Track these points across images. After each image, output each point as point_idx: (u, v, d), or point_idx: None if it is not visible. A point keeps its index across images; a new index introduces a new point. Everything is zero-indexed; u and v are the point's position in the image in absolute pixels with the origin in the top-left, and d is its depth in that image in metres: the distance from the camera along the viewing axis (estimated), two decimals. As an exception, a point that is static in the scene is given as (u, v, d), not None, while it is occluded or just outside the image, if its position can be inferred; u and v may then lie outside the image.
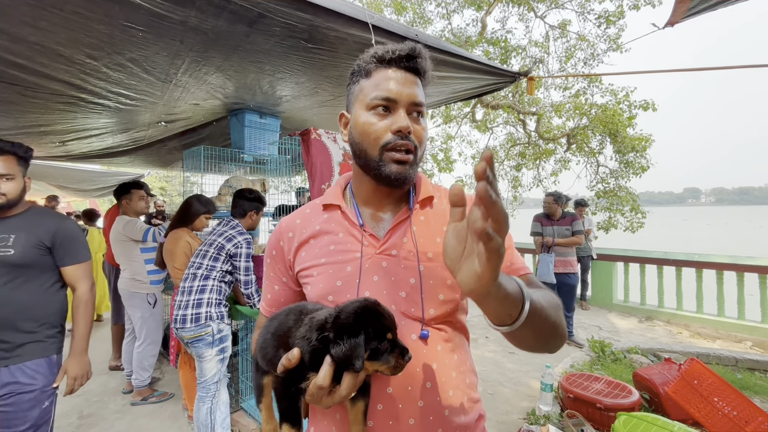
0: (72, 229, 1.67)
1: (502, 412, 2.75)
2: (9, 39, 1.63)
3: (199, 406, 2.21)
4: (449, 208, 0.76)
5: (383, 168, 0.70)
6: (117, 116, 2.89)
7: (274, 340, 0.65)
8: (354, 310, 0.57)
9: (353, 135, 0.75)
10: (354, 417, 0.65)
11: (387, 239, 0.73)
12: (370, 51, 0.75)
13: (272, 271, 0.84)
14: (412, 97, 0.71)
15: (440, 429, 0.70)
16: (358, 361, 0.54)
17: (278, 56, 1.98)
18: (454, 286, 0.73)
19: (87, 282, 1.68)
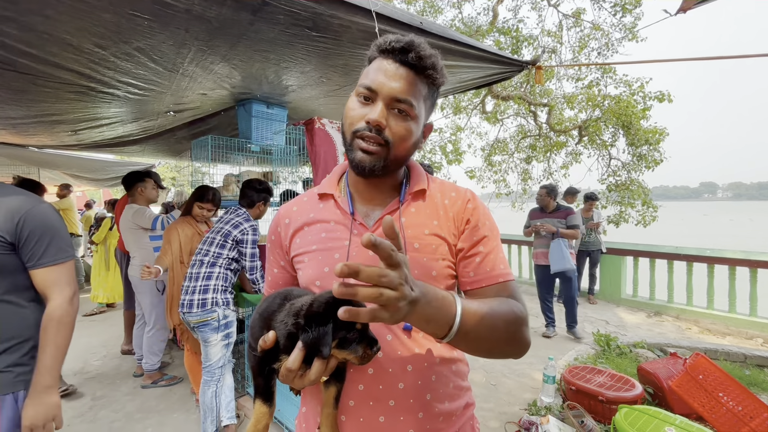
0: (45, 216, 1.21)
1: (504, 403, 2.77)
2: (18, 28, 1.66)
3: (204, 389, 2.26)
4: (442, 201, 0.78)
5: (351, 153, 0.72)
6: (126, 106, 2.93)
7: (260, 321, 0.68)
8: (326, 300, 0.59)
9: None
10: (326, 400, 0.68)
11: (375, 229, 0.75)
12: (379, 39, 0.75)
13: (272, 255, 0.87)
14: (393, 91, 0.68)
15: (421, 412, 0.71)
16: (325, 348, 0.56)
17: (283, 45, 1.98)
18: (439, 278, 0.73)
19: (65, 290, 1.21)
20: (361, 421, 0.70)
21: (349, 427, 0.71)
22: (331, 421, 0.68)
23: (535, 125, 9.63)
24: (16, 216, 1.15)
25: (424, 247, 0.73)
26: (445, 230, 0.76)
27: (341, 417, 0.71)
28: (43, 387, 1.14)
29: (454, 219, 0.77)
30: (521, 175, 10.01)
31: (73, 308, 1.24)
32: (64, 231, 1.28)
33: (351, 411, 0.71)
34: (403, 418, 0.70)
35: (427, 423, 0.72)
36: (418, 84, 0.71)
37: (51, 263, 1.21)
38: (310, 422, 0.77)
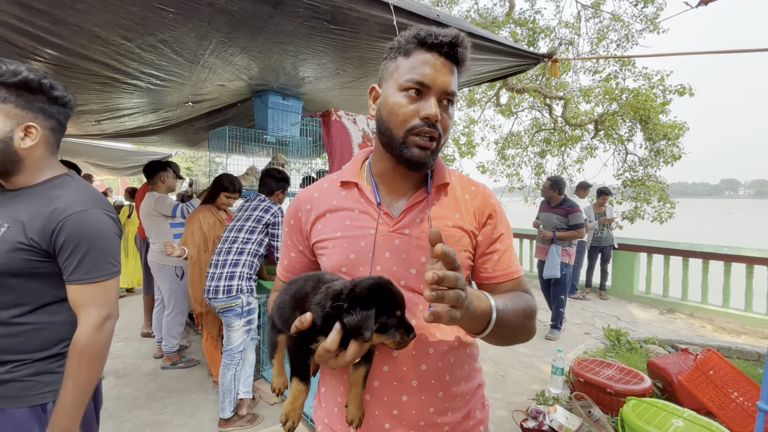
0: (87, 224, 1.02)
1: (512, 393, 2.81)
2: (51, 20, 1.73)
3: (224, 372, 2.36)
4: (463, 195, 0.82)
5: (405, 150, 0.72)
6: (148, 96, 3.01)
7: (291, 303, 0.71)
8: (369, 286, 0.62)
9: (381, 112, 0.76)
10: (354, 380, 0.72)
11: (401, 219, 0.77)
12: (413, 30, 0.74)
13: (290, 239, 0.89)
14: (446, 85, 0.71)
15: (441, 392, 0.75)
16: (367, 332, 0.59)
17: (301, 37, 2.02)
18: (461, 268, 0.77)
19: (92, 315, 1.02)
20: (385, 400, 0.74)
21: (373, 406, 0.75)
22: (358, 400, 0.72)
23: (550, 119, 9.48)
24: (55, 221, 0.98)
25: (447, 239, 0.76)
26: (466, 223, 0.79)
27: (366, 396, 0.75)
28: (60, 430, 0.97)
29: (475, 213, 0.81)
30: (535, 169, 9.88)
31: (102, 336, 1.03)
32: (110, 242, 1.07)
33: (376, 391, 0.74)
34: (424, 398, 0.74)
35: (446, 402, 0.76)
36: (456, 74, 0.74)
37: (81, 281, 1.01)
38: (329, 402, 0.81)
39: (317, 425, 0.85)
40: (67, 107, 1.08)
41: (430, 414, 0.74)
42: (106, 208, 1.09)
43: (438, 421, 0.75)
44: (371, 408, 0.75)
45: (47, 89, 1.01)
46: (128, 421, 2.47)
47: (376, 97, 0.79)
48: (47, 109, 1.02)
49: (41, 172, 1.04)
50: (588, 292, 5.76)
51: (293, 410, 0.69)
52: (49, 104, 1.02)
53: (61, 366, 1.05)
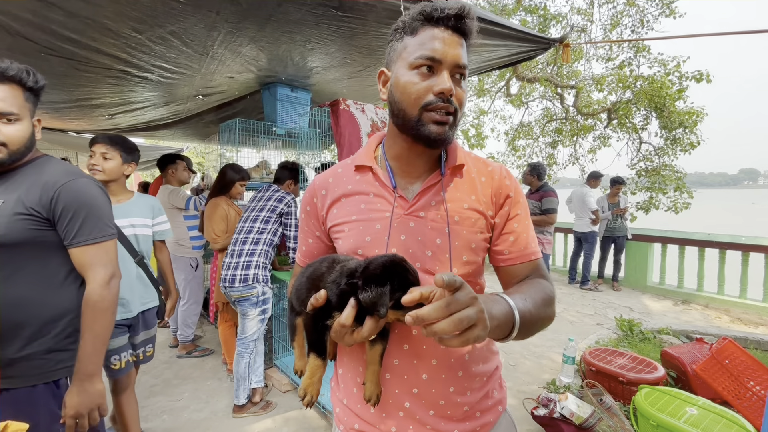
0: (81, 191, 1.13)
1: (523, 383, 2.81)
2: (64, 14, 1.75)
3: (238, 360, 2.41)
4: (479, 177, 0.81)
5: (422, 128, 0.71)
6: (159, 89, 3.04)
7: (307, 283, 0.72)
8: (383, 263, 0.62)
9: (393, 93, 0.74)
10: (371, 358, 0.72)
11: (416, 201, 0.76)
12: (416, 7, 0.72)
13: (306, 226, 0.89)
14: (456, 58, 0.69)
15: (461, 371, 0.76)
16: (383, 308, 0.60)
17: (309, 26, 2.01)
18: (477, 250, 0.77)
19: (99, 273, 1.13)
20: (405, 378, 0.74)
21: (393, 384, 0.75)
22: (375, 377, 0.72)
23: (561, 108, 9.32)
24: (50, 190, 1.08)
25: (463, 221, 0.76)
26: (483, 205, 0.78)
27: (386, 375, 0.75)
28: (85, 375, 1.07)
29: (492, 195, 0.79)
30: (546, 160, 9.74)
31: (110, 292, 1.15)
32: (103, 208, 1.19)
33: (396, 369, 0.75)
34: (444, 376, 0.74)
35: (465, 381, 0.76)
36: (465, 47, 0.73)
37: (85, 242, 1.12)
38: (348, 383, 0.81)
39: (335, 407, 0.86)
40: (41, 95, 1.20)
41: (450, 393, 0.75)
42: (90, 178, 1.22)
43: (458, 401, 0.75)
44: (391, 386, 0.75)
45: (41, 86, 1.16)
46: (146, 407, 2.54)
47: (386, 81, 0.78)
48: (37, 100, 1.18)
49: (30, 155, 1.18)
50: (600, 283, 5.69)
51: (311, 384, 0.70)
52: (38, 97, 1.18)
53: (72, 343, 1.14)
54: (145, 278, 1.90)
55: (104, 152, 1.82)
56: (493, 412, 0.81)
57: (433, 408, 0.75)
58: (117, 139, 1.87)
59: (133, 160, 1.94)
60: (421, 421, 0.74)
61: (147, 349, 1.97)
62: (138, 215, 1.92)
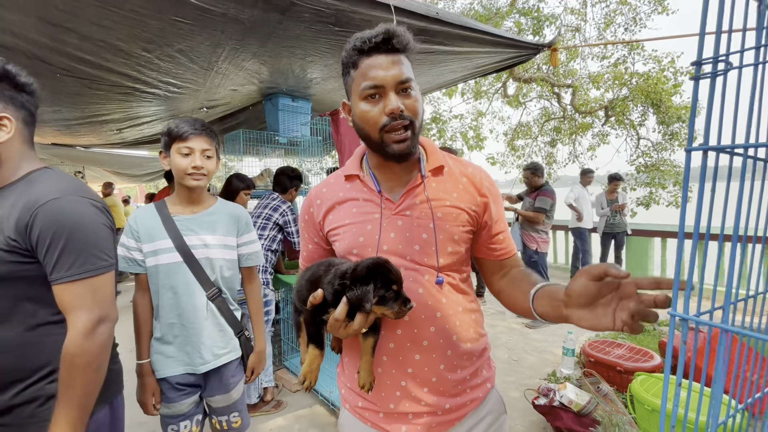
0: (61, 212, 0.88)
1: (525, 377, 2.88)
2: (78, 37, 1.88)
3: (247, 360, 2.50)
4: (460, 177, 0.93)
5: (387, 148, 0.80)
6: (165, 104, 3.17)
7: (307, 285, 0.82)
8: (367, 266, 0.72)
9: (356, 122, 0.84)
10: (364, 349, 0.81)
11: (402, 202, 0.86)
12: (349, 42, 0.80)
13: (306, 233, 0.99)
14: (396, 77, 0.77)
15: (449, 350, 0.85)
16: (367, 303, 0.69)
17: (308, 40, 2.13)
18: (460, 241, 0.87)
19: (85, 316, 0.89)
20: (400, 359, 0.83)
21: (391, 366, 0.83)
22: (368, 366, 0.81)
23: (559, 107, 9.40)
24: (27, 213, 0.85)
25: (446, 216, 0.85)
26: (464, 202, 0.87)
27: (383, 357, 0.83)
28: None
29: (474, 193, 0.89)
30: (546, 159, 9.81)
31: (94, 343, 0.88)
32: (92, 234, 0.92)
33: (391, 352, 0.83)
34: (435, 356, 0.83)
35: (455, 360, 0.85)
36: (404, 60, 0.80)
37: (63, 279, 0.87)
38: (351, 369, 0.92)
39: (341, 389, 0.96)
40: (33, 96, 0.98)
41: (441, 370, 0.84)
42: (88, 196, 0.95)
43: (449, 378, 0.84)
44: (389, 368, 0.84)
45: (12, 75, 0.91)
46: (162, 409, 2.64)
47: (350, 110, 0.88)
48: (16, 97, 0.92)
49: (19, 169, 0.93)
50: None
51: (310, 371, 0.79)
52: (16, 92, 0.92)
53: None
54: (222, 320, 1.39)
55: (206, 149, 1.32)
56: (482, 388, 0.90)
57: (426, 385, 0.84)
58: (212, 128, 1.38)
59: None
60: (416, 398, 0.83)
61: (232, 419, 1.43)
62: (214, 230, 1.38)
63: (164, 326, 1.34)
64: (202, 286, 1.34)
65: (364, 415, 0.88)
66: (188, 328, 1.32)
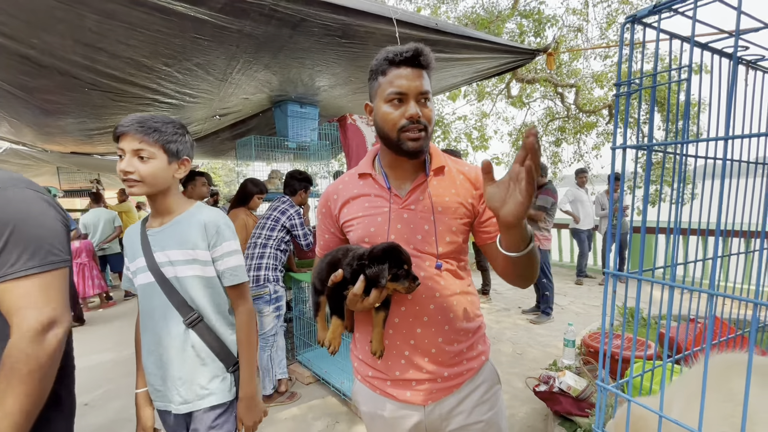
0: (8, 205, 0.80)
1: (528, 369, 2.98)
2: (108, 56, 2.05)
3: (261, 354, 2.64)
4: (458, 176, 1.08)
5: (402, 145, 0.92)
6: (180, 112, 3.34)
7: (327, 267, 0.96)
8: (383, 248, 0.86)
9: (377, 121, 0.96)
10: (376, 321, 0.95)
11: (407, 198, 0.99)
12: (382, 53, 0.93)
13: (323, 224, 1.13)
14: (418, 88, 0.90)
15: (447, 326, 0.97)
16: (383, 279, 0.83)
17: (317, 52, 2.28)
18: (458, 232, 1.00)
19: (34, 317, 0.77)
20: (404, 332, 0.96)
21: (396, 337, 0.96)
22: (379, 336, 0.94)
23: (563, 107, 9.46)
24: None
25: (446, 210, 0.97)
26: (461, 197, 0.99)
27: (389, 331, 0.96)
28: None
29: (470, 188, 1.02)
30: (551, 159, 9.86)
31: (43, 348, 0.76)
32: (41, 227, 0.83)
33: (397, 326, 0.96)
34: (434, 330, 0.95)
35: (452, 334, 0.98)
36: (425, 76, 0.93)
37: (8, 276, 0.77)
38: (362, 343, 1.05)
39: (354, 362, 1.10)
40: None
41: (440, 343, 0.97)
42: (35, 188, 0.87)
43: (446, 349, 0.97)
44: (394, 339, 0.97)
45: None
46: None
47: (371, 111, 1.01)
48: None
49: None
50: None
51: (335, 338, 0.93)
52: None
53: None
54: (204, 352, 1.14)
55: (138, 149, 1.05)
56: (477, 360, 1.03)
57: (427, 355, 0.97)
58: (154, 122, 1.09)
59: (186, 153, 1.17)
60: (418, 366, 0.97)
61: None
62: (180, 243, 1.13)
63: (146, 354, 1.18)
64: (178, 311, 1.12)
65: (373, 384, 1.01)
66: (164, 359, 1.12)
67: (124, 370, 3.30)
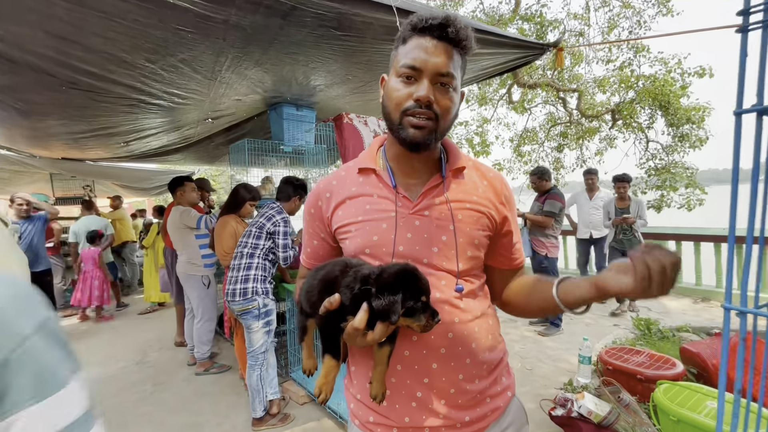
0: None
1: (540, 386, 2.78)
2: (83, 49, 1.89)
3: (250, 373, 2.44)
4: (481, 181, 0.88)
5: (402, 131, 0.75)
6: (170, 115, 3.19)
7: (319, 286, 0.74)
8: (396, 272, 0.66)
9: (384, 99, 0.79)
10: (379, 359, 0.74)
11: (420, 201, 0.80)
12: (409, 18, 0.77)
13: (311, 228, 0.92)
14: (437, 67, 0.71)
15: (468, 359, 0.78)
16: (394, 315, 0.63)
17: (310, 46, 2.12)
18: (480, 246, 0.82)
19: None
20: (416, 368, 0.76)
21: (405, 375, 0.76)
22: (381, 377, 0.74)
23: (565, 112, 9.33)
24: None
25: (466, 218, 0.80)
26: (484, 205, 0.82)
27: (396, 366, 0.77)
28: None
29: (493, 199, 0.85)
30: (553, 164, 9.71)
31: None
32: None
33: (406, 360, 0.76)
34: (453, 364, 0.76)
35: (474, 369, 0.78)
36: (455, 56, 0.74)
37: None
38: (361, 379, 0.84)
39: (350, 403, 0.89)
40: None
41: (459, 381, 0.77)
42: None
43: (467, 388, 0.78)
44: (403, 378, 0.77)
45: None
46: (167, 423, 2.58)
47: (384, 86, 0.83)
48: None
49: None
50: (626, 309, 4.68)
51: (326, 383, 0.72)
52: None
53: None
54: None
55: None
56: (503, 397, 0.83)
57: (444, 397, 0.77)
58: None
59: None
60: (433, 411, 0.76)
61: None
62: None
63: None
64: None
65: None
66: None
67: (113, 388, 3.10)
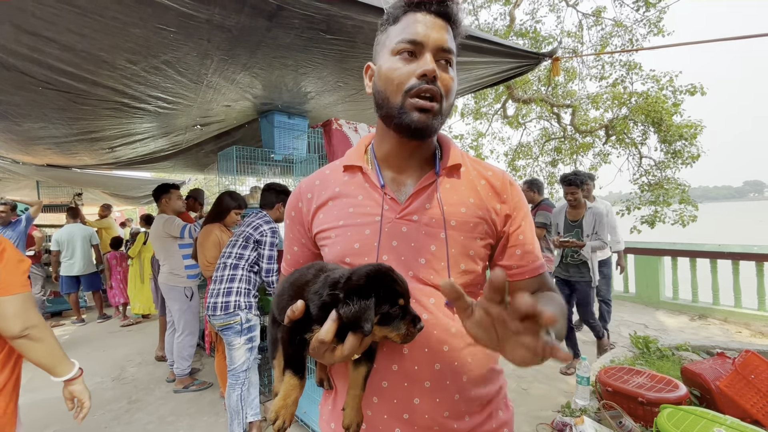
0: None
1: (536, 408, 2.64)
2: (59, 47, 1.80)
3: (230, 393, 2.29)
4: (478, 180, 0.76)
5: (404, 116, 0.66)
6: (157, 120, 3.09)
7: (290, 290, 0.65)
8: (366, 273, 0.56)
9: (377, 84, 0.71)
10: (354, 380, 0.64)
11: (408, 204, 0.71)
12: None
13: (291, 233, 0.83)
14: (440, 41, 0.66)
15: (457, 394, 0.67)
16: (367, 324, 0.53)
17: (299, 50, 2.05)
18: (476, 258, 0.71)
19: None
20: (394, 402, 0.67)
21: (382, 409, 0.68)
22: (357, 403, 0.64)
23: (559, 127, 9.41)
24: None
25: (461, 225, 0.70)
26: (483, 209, 0.72)
27: (373, 398, 0.68)
28: None
29: (493, 196, 0.74)
30: (547, 179, 9.75)
31: None
32: None
33: (385, 392, 0.67)
34: (438, 400, 0.67)
35: (463, 405, 0.68)
36: (452, 34, 0.69)
37: None
38: (338, 403, 0.74)
39: (322, 429, 0.78)
40: None
41: (445, 418, 0.67)
42: None
43: (454, 426, 0.67)
44: (380, 411, 0.68)
45: None
46: (139, 446, 2.41)
47: (372, 75, 0.75)
48: None
49: None
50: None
51: (284, 407, 0.59)
52: None
53: None
54: None
55: None
56: None
57: None
58: None
59: None
60: None
61: None
62: None
63: None
64: None
65: None
66: None
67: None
